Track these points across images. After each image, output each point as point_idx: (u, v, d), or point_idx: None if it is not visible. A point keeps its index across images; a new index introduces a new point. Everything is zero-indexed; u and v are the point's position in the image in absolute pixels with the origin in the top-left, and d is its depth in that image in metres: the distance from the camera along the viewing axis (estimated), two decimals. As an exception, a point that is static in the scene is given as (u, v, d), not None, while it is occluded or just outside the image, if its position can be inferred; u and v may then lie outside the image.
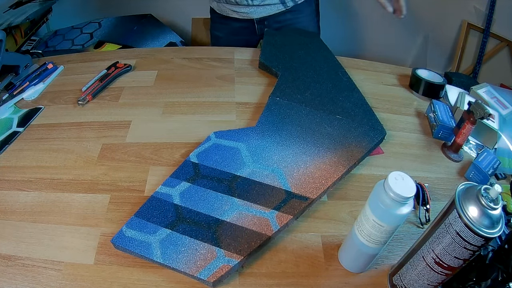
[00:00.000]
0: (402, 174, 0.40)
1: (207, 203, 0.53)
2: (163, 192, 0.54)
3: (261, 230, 0.50)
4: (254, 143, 0.62)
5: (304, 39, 0.90)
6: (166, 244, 0.48)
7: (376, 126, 0.67)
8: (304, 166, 0.59)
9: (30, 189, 0.56)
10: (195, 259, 0.47)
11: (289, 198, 0.54)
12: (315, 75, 0.78)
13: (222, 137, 0.64)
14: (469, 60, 1.75)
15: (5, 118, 0.69)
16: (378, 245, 0.44)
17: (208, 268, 0.46)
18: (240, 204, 0.53)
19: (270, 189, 0.55)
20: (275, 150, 0.62)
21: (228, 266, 0.46)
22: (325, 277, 0.49)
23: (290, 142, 0.63)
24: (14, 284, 0.45)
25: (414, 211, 0.58)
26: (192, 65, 0.84)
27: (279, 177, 0.57)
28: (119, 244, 0.48)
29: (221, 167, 0.58)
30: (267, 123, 0.66)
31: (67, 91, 0.75)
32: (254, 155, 0.60)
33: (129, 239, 0.48)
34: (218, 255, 0.47)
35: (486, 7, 1.61)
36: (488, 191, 0.35)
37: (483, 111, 0.62)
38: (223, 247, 0.48)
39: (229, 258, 0.47)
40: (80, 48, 1.38)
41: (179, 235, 0.49)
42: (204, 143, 0.63)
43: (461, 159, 0.68)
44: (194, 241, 0.49)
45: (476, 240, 0.35)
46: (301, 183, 0.57)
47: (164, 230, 0.50)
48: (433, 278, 0.41)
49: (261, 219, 0.52)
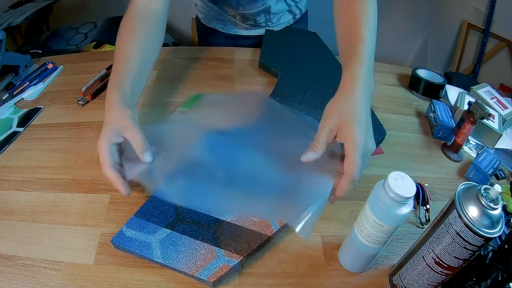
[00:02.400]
0: (402, 174, 0.40)
1: (206, 203, 0.53)
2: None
3: (261, 230, 0.50)
4: (246, 142, 0.62)
5: (304, 39, 0.90)
6: (166, 244, 0.48)
7: (376, 126, 0.67)
8: (299, 170, 0.58)
9: (30, 189, 0.56)
10: (195, 259, 0.47)
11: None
12: (315, 76, 0.78)
13: (213, 137, 0.63)
14: (469, 60, 1.75)
15: (5, 118, 0.69)
16: (378, 245, 0.44)
17: (208, 268, 0.46)
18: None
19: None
20: (268, 151, 0.60)
21: (228, 266, 0.46)
22: (325, 277, 0.49)
23: (284, 144, 0.63)
24: (14, 284, 0.45)
25: (414, 211, 0.58)
26: (192, 65, 0.84)
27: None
28: (119, 244, 0.48)
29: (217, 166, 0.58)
30: (259, 122, 0.66)
31: (67, 91, 0.75)
32: (250, 155, 0.60)
33: (129, 239, 0.48)
34: (218, 255, 0.47)
35: (486, 7, 1.61)
36: (488, 191, 0.35)
37: (483, 111, 0.62)
38: (223, 247, 0.48)
39: (229, 258, 0.47)
40: (74, 48, 1.37)
41: (179, 235, 0.49)
42: (197, 142, 0.62)
43: (461, 159, 0.68)
44: (194, 241, 0.49)
45: (476, 240, 0.35)
46: (299, 184, 0.56)
47: (164, 230, 0.50)
48: (433, 278, 0.41)
49: (261, 219, 0.52)
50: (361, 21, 0.54)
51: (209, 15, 0.96)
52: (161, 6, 0.64)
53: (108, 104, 0.52)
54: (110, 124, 0.50)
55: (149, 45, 0.62)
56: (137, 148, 0.49)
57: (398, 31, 1.96)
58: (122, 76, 0.56)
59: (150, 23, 0.63)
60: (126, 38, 0.60)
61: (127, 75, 0.56)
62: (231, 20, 0.93)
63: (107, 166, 0.47)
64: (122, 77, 0.56)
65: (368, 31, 0.53)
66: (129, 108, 0.52)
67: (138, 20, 0.62)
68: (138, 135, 0.49)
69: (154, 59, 0.64)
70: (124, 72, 0.56)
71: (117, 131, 0.49)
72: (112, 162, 0.48)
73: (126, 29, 0.61)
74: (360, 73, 0.49)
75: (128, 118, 0.50)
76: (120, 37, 0.60)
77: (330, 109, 0.49)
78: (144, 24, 0.62)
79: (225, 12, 0.91)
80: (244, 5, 0.87)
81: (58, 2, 1.51)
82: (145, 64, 0.61)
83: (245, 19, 0.91)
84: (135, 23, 0.62)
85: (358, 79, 0.49)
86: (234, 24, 0.95)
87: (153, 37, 0.63)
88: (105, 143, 0.48)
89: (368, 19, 0.54)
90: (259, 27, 0.95)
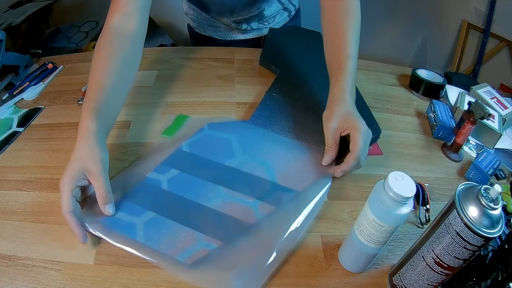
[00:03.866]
0: (402, 174, 0.40)
1: (193, 190, 0.55)
2: (153, 178, 0.56)
3: (242, 218, 0.52)
4: (245, 136, 0.64)
5: (307, 38, 0.90)
6: (149, 226, 0.50)
7: (372, 124, 0.67)
8: (293, 159, 0.61)
9: (30, 189, 0.56)
10: (175, 241, 0.48)
11: (274, 190, 0.56)
12: (315, 73, 0.78)
13: (215, 129, 0.65)
14: (469, 60, 1.75)
15: (5, 118, 0.69)
16: (378, 245, 0.44)
17: (187, 251, 0.47)
18: (225, 193, 0.55)
19: (256, 180, 0.57)
20: (266, 144, 0.63)
21: (206, 250, 0.48)
22: (325, 277, 0.49)
23: (282, 137, 0.65)
24: (14, 284, 0.45)
25: (414, 211, 0.58)
26: (192, 65, 0.84)
27: (266, 169, 0.59)
28: (107, 224, 0.49)
29: (210, 157, 0.60)
30: (261, 117, 0.68)
31: (67, 91, 0.75)
32: (244, 147, 0.62)
33: (116, 220, 0.50)
34: (198, 239, 0.49)
35: (486, 7, 1.61)
36: (488, 191, 0.35)
37: (483, 111, 0.62)
38: (204, 232, 0.50)
39: (208, 242, 0.48)
40: (74, 47, 1.37)
41: (163, 218, 0.51)
42: (197, 133, 0.64)
43: (461, 159, 0.68)
44: (176, 224, 0.50)
45: (476, 240, 0.35)
46: (288, 175, 0.58)
47: (149, 213, 0.51)
48: (433, 278, 0.41)
49: (244, 207, 0.53)
50: (348, 38, 0.62)
51: (202, 23, 0.95)
52: (137, 27, 0.61)
53: (81, 134, 0.50)
54: (78, 161, 0.48)
55: (125, 68, 0.60)
56: (99, 199, 0.49)
57: (398, 31, 1.97)
58: (98, 104, 0.53)
59: (126, 45, 0.60)
60: (101, 62, 0.58)
61: (103, 103, 0.54)
62: (226, 26, 0.93)
63: (66, 211, 0.46)
64: (98, 105, 0.53)
65: (354, 48, 0.62)
66: (102, 147, 0.51)
67: (113, 42, 0.59)
68: (103, 185, 0.48)
69: (130, 82, 0.62)
70: (100, 99, 0.54)
71: (83, 173, 0.48)
72: (72, 207, 0.46)
73: (101, 52, 0.59)
74: (348, 85, 0.60)
75: (98, 162, 0.49)
76: (95, 61, 0.58)
77: (328, 116, 0.59)
78: (119, 46, 0.59)
79: (219, 20, 0.91)
80: (239, 11, 0.86)
81: (58, 2, 1.51)
82: (121, 90, 0.59)
83: (239, 24, 0.91)
84: (110, 45, 0.59)
85: (347, 88, 0.59)
86: (229, 30, 0.94)
87: (130, 58, 0.61)
88: (68, 185, 0.47)
89: (353, 36, 0.62)
90: (255, 30, 0.95)
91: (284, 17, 0.97)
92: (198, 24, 0.97)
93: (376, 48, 1.88)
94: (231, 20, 0.89)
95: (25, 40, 1.41)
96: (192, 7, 0.93)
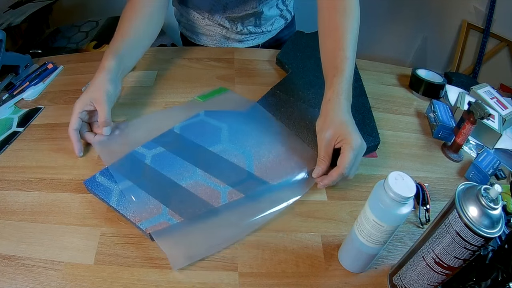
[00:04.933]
0: (402, 174, 0.40)
1: (172, 168, 0.58)
2: (140, 152, 0.60)
3: (209, 200, 0.54)
4: (236, 126, 0.66)
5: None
6: (123, 193, 0.54)
7: (372, 133, 0.66)
8: (277, 154, 0.61)
9: (30, 189, 0.56)
10: (141, 210, 0.51)
11: (248, 179, 0.57)
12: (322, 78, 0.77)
13: (210, 116, 0.68)
14: (469, 60, 1.75)
15: (5, 118, 0.69)
16: (378, 245, 0.44)
17: (150, 221, 0.50)
18: (200, 174, 0.57)
19: (232, 167, 0.59)
20: (255, 136, 0.64)
21: (167, 223, 0.50)
22: (325, 277, 0.49)
23: (273, 132, 0.65)
24: (14, 284, 0.45)
25: (414, 211, 0.58)
26: (192, 65, 0.84)
27: (246, 159, 0.60)
28: (89, 186, 0.55)
29: (197, 141, 0.62)
30: (259, 111, 0.69)
31: (67, 91, 0.75)
32: (232, 136, 0.64)
33: (98, 184, 0.55)
34: (162, 212, 0.51)
35: (486, 7, 1.61)
36: (488, 191, 0.35)
37: (483, 111, 0.62)
38: (170, 207, 0.52)
39: (171, 217, 0.51)
40: (74, 47, 1.37)
41: (137, 188, 0.54)
42: (192, 118, 0.67)
43: (461, 159, 0.68)
44: (147, 195, 0.53)
45: (476, 240, 0.35)
46: (266, 168, 0.59)
47: (127, 182, 0.55)
48: (433, 278, 0.41)
49: (214, 191, 0.55)
50: (345, 38, 0.60)
51: (196, 31, 0.93)
52: None
53: (99, 69, 0.62)
54: (90, 91, 0.60)
55: (149, 23, 0.71)
56: (100, 120, 0.60)
57: (398, 31, 1.96)
58: (118, 50, 0.64)
59: (152, 4, 0.70)
60: (127, 18, 0.68)
61: (123, 50, 0.65)
62: (221, 33, 0.91)
63: (71, 128, 0.59)
64: (118, 51, 0.64)
65: (352, 49, 0.60)
66: (112, 82, 0.61)
67: (140, 3, 0.69)
68: (105, 110, 0.60)
69: (151, 38, 0.74)
70: (121, 47, 0.65)
71: (91, 100, 0.60)
72: (77, 125, 0.59)
73: (127, 11, 0.69)
74: (344, 88, 0.58)
75: (104, 93, 0.60)
76: (123, 15, 0.68)
77: (322, 123, 0.58)
78: (145, 5, 0.69)
79: (212, 21, 0.89)
80: (232, 8, 0.84)
81: (58, 2, 1.51)
82: (141, 43, 0.71)
83: (234, 24, 0.89)
84: (137, 5, 0.69)
85: (342, 92, 0.58)
86: (226, 37, 0.93)
87: (155, 15, 0.71)
88: (77, 108, 0.59)
89: (351, 36, 0.61)
90: (251, 36, 0.93)
91: (280, 25, 0.96)
92: (192, 33, 0.95)
93: (376, 48, 1.88)
94: (225, 17, 0.87)
95: (25, 40, 1.41)
96: (184, 8, 0.91)
